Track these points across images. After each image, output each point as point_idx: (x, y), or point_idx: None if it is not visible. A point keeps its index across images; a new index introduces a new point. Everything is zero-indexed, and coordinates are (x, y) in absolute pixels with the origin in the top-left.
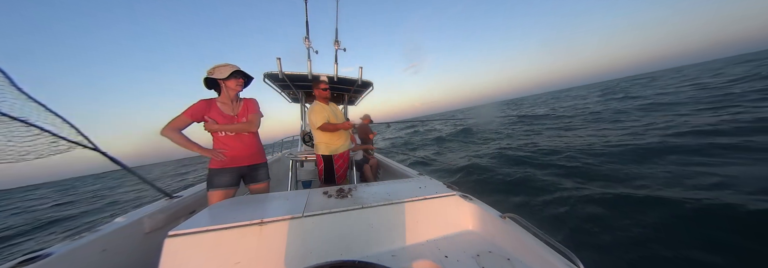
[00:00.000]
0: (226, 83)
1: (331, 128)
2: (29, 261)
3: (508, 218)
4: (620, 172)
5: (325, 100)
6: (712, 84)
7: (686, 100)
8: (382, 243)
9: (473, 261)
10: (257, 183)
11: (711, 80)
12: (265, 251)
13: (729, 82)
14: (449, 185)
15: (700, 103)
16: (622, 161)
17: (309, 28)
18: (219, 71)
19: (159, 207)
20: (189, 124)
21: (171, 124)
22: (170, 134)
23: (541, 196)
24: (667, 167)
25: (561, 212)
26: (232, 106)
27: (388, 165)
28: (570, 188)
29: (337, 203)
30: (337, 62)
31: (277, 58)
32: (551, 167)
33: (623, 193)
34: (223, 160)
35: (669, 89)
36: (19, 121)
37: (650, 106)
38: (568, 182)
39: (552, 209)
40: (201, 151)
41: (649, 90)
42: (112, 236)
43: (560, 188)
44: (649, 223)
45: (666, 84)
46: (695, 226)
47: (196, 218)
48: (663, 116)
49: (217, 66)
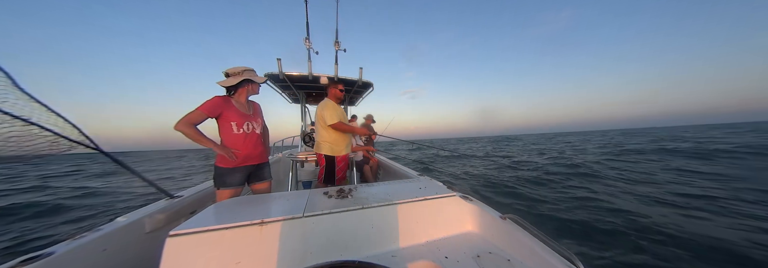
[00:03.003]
0: (253, 87)
1: (347, 129)
2: (30, 260)
3: (508, 219)
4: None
5: (340, 100)
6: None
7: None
8: (382, 243)
9: (473, 262)
10: (260, 182)
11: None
12: (265, 251)
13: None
14: (449, 185)
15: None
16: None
17: (309, 29)
18: (251, 74)
19: (160, 207)
20: (204, 119)
21: (186, 119)
22: (185, 129)
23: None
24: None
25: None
26: (247, 106)
27: (389, 166)
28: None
29: (337, 204)
30: (337, 63)
31: (278, 59)
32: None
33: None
34: (236, 159)
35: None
36: (21, 121)
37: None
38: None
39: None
40: (215, 147)
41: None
42: (113, 235)
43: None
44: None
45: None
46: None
47: (196, 217)
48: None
49: (245, 69)
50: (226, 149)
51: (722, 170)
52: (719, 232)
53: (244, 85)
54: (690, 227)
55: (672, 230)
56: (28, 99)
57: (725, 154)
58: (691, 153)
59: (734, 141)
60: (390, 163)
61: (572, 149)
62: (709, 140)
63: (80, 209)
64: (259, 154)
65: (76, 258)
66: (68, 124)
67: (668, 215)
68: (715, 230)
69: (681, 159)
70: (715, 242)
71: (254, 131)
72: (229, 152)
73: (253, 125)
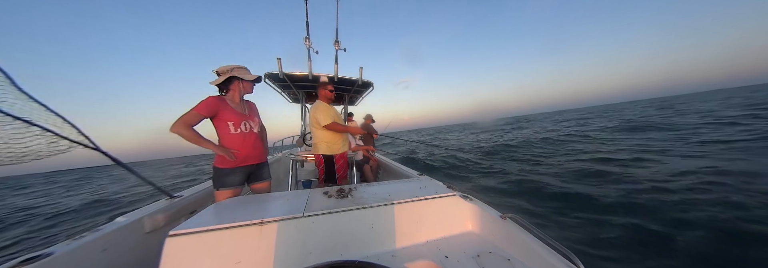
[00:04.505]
0: (245, 84)
1: (341, 129)
2: (30, 261)
3: (508, 219)
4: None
5: (330, 101)
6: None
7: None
8: (382, 243)
9: (473, 261)
10: (260, 182)
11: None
12: (265, 251)
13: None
14: (449, 185)
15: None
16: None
17: (309, 28)
18: (240, 72)
19: (159, 207)
20: (200, 120)
21: (181, 120)
22: (182, 131)
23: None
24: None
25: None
26: (242, 106)
27: (389, 165)
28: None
29: (337, 203)
30: (337, 62)
31: (278, 58)
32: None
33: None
34: (235, 160)
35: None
36: (20, 121)
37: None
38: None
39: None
40: (214, 148)
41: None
42: (113, 235)
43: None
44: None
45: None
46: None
47: (196, 217)
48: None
49: (234, 66)
50: (225, 150)
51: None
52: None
53: (234, 82)
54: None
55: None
56: (27, 99)
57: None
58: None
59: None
60: (390, 162)
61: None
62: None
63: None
64: (259, 154)
65: (76, 258)
66: (68, 124)
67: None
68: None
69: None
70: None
71: (252, 131)
72: (228, 152)
73: (251, 125)
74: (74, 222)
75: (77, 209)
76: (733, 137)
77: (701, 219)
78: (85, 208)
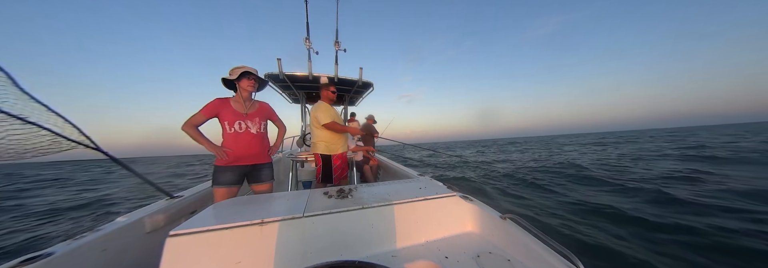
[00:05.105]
0: (239, 84)
1: (340, 129)
2: (30, 261)
3: (508, 219)
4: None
5: (332, 101)
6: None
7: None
8: (382, 244)
9: (473, 262)
10: (260, 183)
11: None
12: (265, 251)
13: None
14: (449, 185)
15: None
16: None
17: (309, 29)
18: (233, 73)
19: (160, 207)
20: (205, 120)
21: (189, 121)
22: (188, 130)
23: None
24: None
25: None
26: (245, 106)
27: (389, 166)
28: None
29: (337, 204)
30: (337, 63)
31: (278, 59)
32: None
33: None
34: (227, 158)
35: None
36: (21, 120)
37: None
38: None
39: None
40: (209, 147)
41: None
42: (113, 235)
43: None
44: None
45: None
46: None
47: (197, 217)
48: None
49: (234, 68)
50: (216, 148)
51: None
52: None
53: (239, 82)
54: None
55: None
56: (28, 99)
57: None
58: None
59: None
60: (390, 163)
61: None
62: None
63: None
64: (254, 154)
65: (76, 258)
66: (68, 124)
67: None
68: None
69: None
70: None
71: (248, 131)
72: (219, 150)
73: (247, 125)
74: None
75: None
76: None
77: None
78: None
